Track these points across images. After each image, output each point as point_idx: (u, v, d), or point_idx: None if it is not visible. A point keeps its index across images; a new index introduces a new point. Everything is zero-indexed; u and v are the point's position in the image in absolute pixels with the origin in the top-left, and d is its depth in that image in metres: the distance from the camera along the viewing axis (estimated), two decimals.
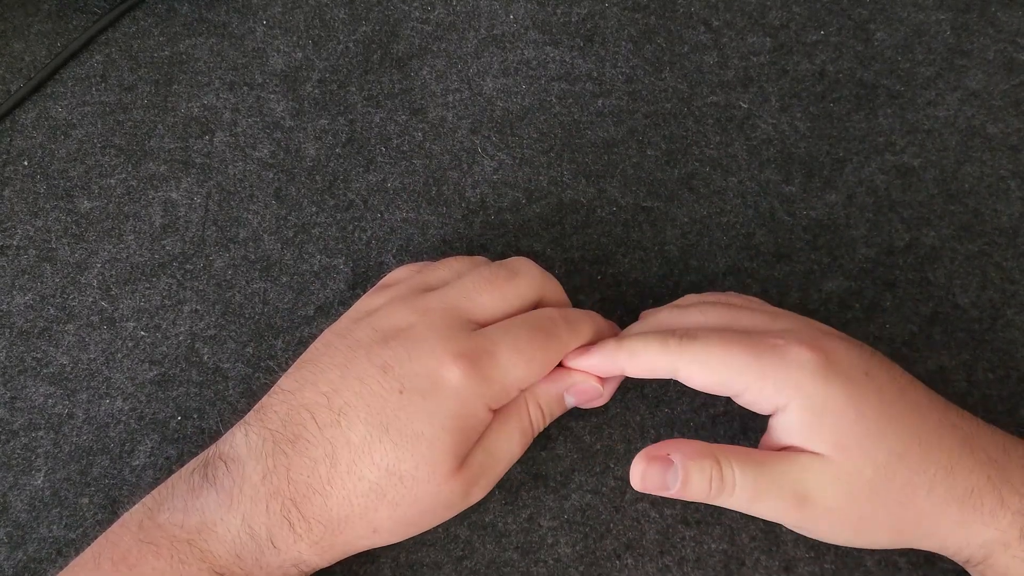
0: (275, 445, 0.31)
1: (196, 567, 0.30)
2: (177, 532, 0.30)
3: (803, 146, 0.43)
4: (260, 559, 0.31)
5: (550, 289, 0.36)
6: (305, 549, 0.31)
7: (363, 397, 0.31)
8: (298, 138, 0.43)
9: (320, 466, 0.31)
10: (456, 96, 0.44)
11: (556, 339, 0.34)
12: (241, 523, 0.30)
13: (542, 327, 0.34)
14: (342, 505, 0.31)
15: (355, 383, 0.32)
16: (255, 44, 0.45)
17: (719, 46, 0.45)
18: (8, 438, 0.38)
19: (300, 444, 0.31)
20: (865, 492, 0.30)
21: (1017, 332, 0.39)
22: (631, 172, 0.43)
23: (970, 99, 0.44)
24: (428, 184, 0.43)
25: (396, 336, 0.32)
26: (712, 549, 0.36)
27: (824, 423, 0.31)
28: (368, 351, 0.32)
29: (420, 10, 0.46)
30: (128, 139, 0.44)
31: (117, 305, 0.41)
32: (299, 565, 0.31)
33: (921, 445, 0.31)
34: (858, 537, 0.32)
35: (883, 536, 0.32)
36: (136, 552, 0.30)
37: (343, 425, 0.31)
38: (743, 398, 0.32)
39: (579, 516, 0.37)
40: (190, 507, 0.31)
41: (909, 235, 0.41)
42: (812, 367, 0.31)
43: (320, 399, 0.32)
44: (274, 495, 0.30)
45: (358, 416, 0.31)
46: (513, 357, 0.32)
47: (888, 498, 0.30)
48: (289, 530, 0.30)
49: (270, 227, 0.42)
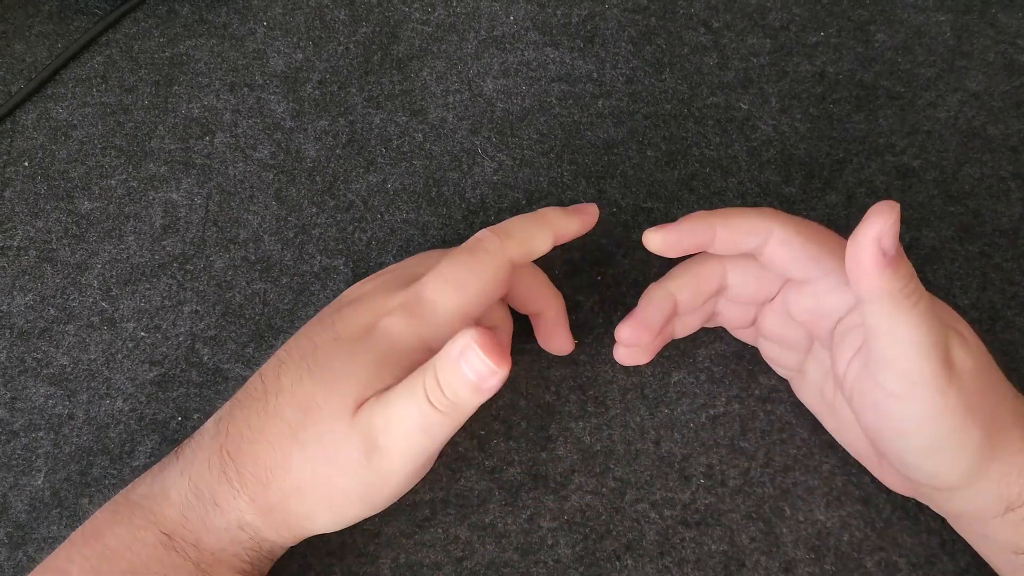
0: (230, 409, 0.32)
1: (149, 531, 0.31)
2: (139, 500, 0.32)
3: (803, 147, 0.43)
4: (205, 519, 0.31)
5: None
6: (244, 508, 0.31)
7: (302, 347, 0.32)
8: (298, 139, 0.44)
9: (254, 415, 0.31)
10: (456, 97, 0.44)
11: (484, 252, 0.32)
12: (188, 484, 0.31)
13: (466, 247, 0.32)
14: (266, 450, 0.31)
15: (303, 339, 0.33)
16: (255, 45, 0.45)
17: (719, 47, 0.45)
18: (8, 438, 0.38)
19: (245, 400, 0.32)
20: (986, 369, 0.30)
21: (1017, 333, 0.39)
22: (631, 173, 0.43)
23: (970, 100, 0.44)
24: (428, 185, 0.43)
25: (350, 303, 0.33)
26: (712, 550, 0.36)
27: (936, 307, 0.30)
28: (322, 318, 0.34)
29: (420, 11, 0.46)
30: (129, 140, 0.44)
31: (117, 306, 0.41)
32: (245, 528, 0.31)
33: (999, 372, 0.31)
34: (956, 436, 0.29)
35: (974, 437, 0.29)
36: (104, 523, 0.32)
37: (280, 374, 0.32)
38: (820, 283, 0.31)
39: (579, 517, 0.37)
40: (156, 480, 0.32)
41: (909, 236, 0.41)
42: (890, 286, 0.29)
43: (273, 361, 0.33)
44: (216, 451, 0.31)
45: (293, 361, 0.32)
46: (440, 287, 0.31)
47: (989, 383, 0.30)
48: (228, 485, 0.31)
49: (270, 228, 0.42)
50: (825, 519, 0.36)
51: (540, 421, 0.38)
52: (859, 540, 0.36)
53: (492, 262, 0.32)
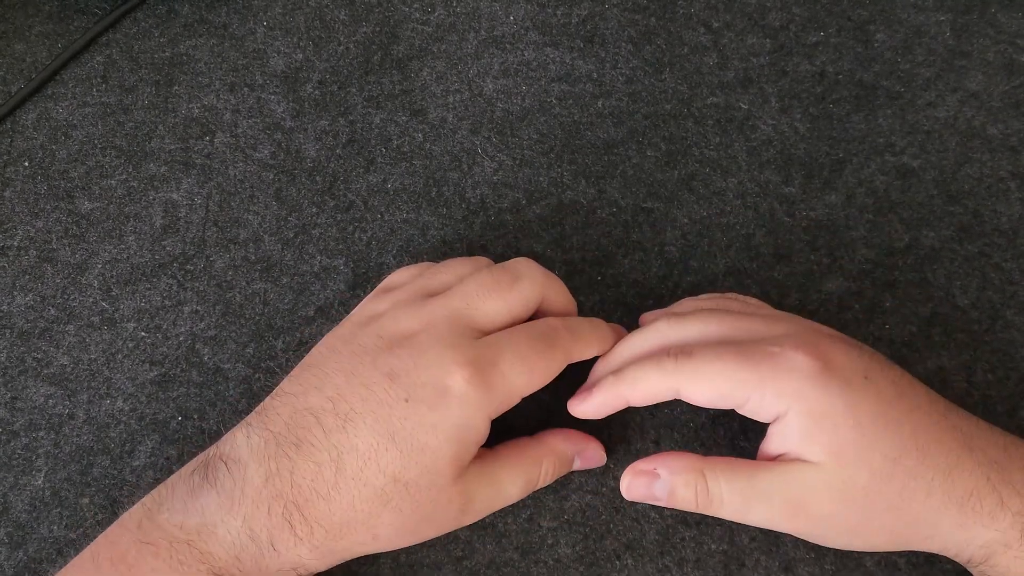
0: (278, 448, 0.31)
1: (195, 568, 0.30)
2: (176, 532, 0.30)
3: (803, 147, 0.43)
4: (260, 561, 0.30)
5: (554, 290, 0.36)
6: (305, 553, 0.31)
7: (369, 404, 0.31)
8: (298, 139, 0.44)
9: (325, 470, 0.31)
10: (456, 97, 0.44)
11: (558, 347, 0.34)
12: (242, 525, 0.30)
13: (544, 335, 0.34)
14: (346, 510, 0.31)
15: (361, 389, 0.31)
16: (256, 45, 0.45)
17: (719, 47, 0.45)
18: (9, 438, 0.38)
19: (304, 448, 0.31)
20: (860, 498, 0.30)
21: (1017, 333, 0.39)
22: (631, 173, 0.43)
23: (970, 100, 0.44)
24: (428, 185, 0.43)
25: (401, 344, 0.32)
26: (712, 550, 0.36)
27: (822, 429, 0.31)
28: (374, 358, 0.32)
29: (420, 11, 0.46)
30: (129, 140, 0.44)
31: (117, 306, 0.41)
32: (298, 568, 0.31)
33: (919, 449, 0.31)
34: (855, 540, 0.32)
35: (880, 539, 0.32)
36: (135, 552, 0.30)
37: (349, 431, 0.31)
38: (745, 408, 0.32)
39: (579, 516, 0.37)
40: (190, 508, 0.31)
41: (909, 236, 0.41)
42: (810, 372, 0.31)
43: (326, 404, 0.32)
44: (276, 498, 0.30)
45: (364, 423, 0.31)
46: (516, 365, 0.32)
47: (884, 503, 0.30)
48: (291, 533, 0.30)
49: (270, 228, 0.42)
50: None
51: (540, 421, 0.38)
52: None
53: (561, 361, 0.34)
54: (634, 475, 0.33)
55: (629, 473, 0.33)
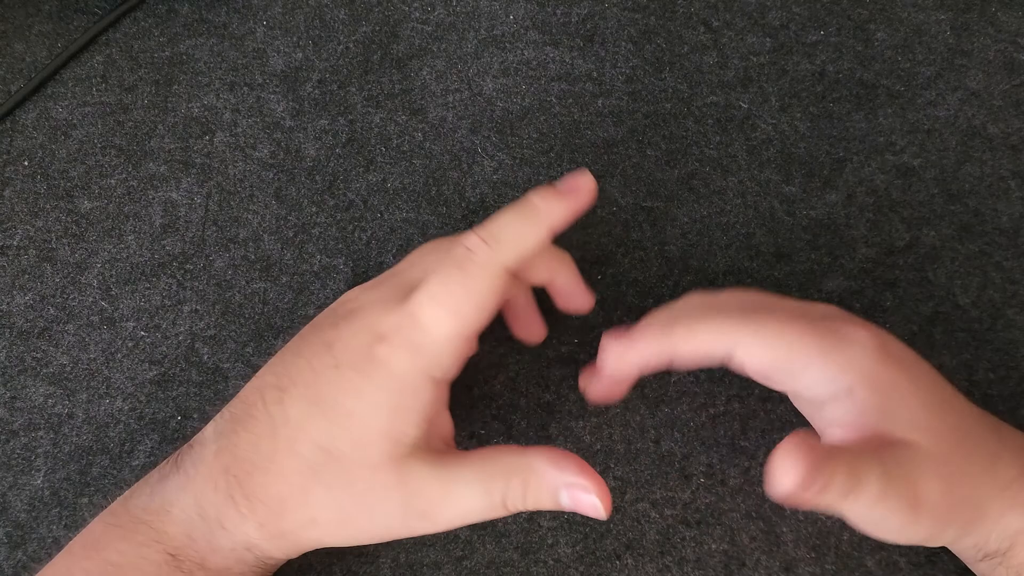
0: (230, 425, 0.32)
1: (153, 548, 0.30)
2: (140, 515, 0.31)
3: (803, 146, 0.43)
4: (211, 540, 0.31)
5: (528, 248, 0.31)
6: (252, 531, 0.31)
7: (304, 374, 0.31)
8: (298, 138, 0.43)
9: (262, 442, 0.31)
10: (456, 96, 0.44)
11: (474, 267, 0.30)
12: (193, 503, 0.31)
13: (455, 262, 0.30)
14: (280, 484, 0.30)
15: (300, 361, 0.32)
16: (255, 45, 0.45)
17: (719, 46, 0.45)
18: (8, 438, 0.38)
19: (249, 422, 0.31)
20: (955, 480, 0.28)
21: (1018, 332, 0.39)
22: (631, 172, 0.43)
23: (970, 99, 0.44)
24: (428, 184, 0.43)
25: (346, 317, 0.32)
26: (712, 549, 0.36)
27: (899, 405, 0.29)
28: (320, 333, 0.32)
29: (420, 11, 0.46)
30: (128, 139, 0.44)
31: (117, 305, 0.41)
32: (252, 549, 0.31)
33: (970, 429, 0.30)
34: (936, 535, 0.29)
35: (952, 532, 0.29)
36: (104, 536, 0.31)
37: (285, 402, 0.31)
38: (800, 380, 0.30)
39: (579, 516, 0.37)
40: (156, 491, 0.32)
41: (909, 235, 0.41)
42: (873, 348, 0.29)
43: (271, 379, 0.32)
44: (222, 473, 0.31)
45: (297, 391, 0.31)
46: (434, 312, 0.30)
47: (963, 484, 0.29)
48: (235, 510, 0.30)
49: (270, 227, 0.42)
50: (826, 518, 0.36)
51: (540, 421, 0.38)
52: (859, 539, 0.36)
53: (485, 277, 0.30)
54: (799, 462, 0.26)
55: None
